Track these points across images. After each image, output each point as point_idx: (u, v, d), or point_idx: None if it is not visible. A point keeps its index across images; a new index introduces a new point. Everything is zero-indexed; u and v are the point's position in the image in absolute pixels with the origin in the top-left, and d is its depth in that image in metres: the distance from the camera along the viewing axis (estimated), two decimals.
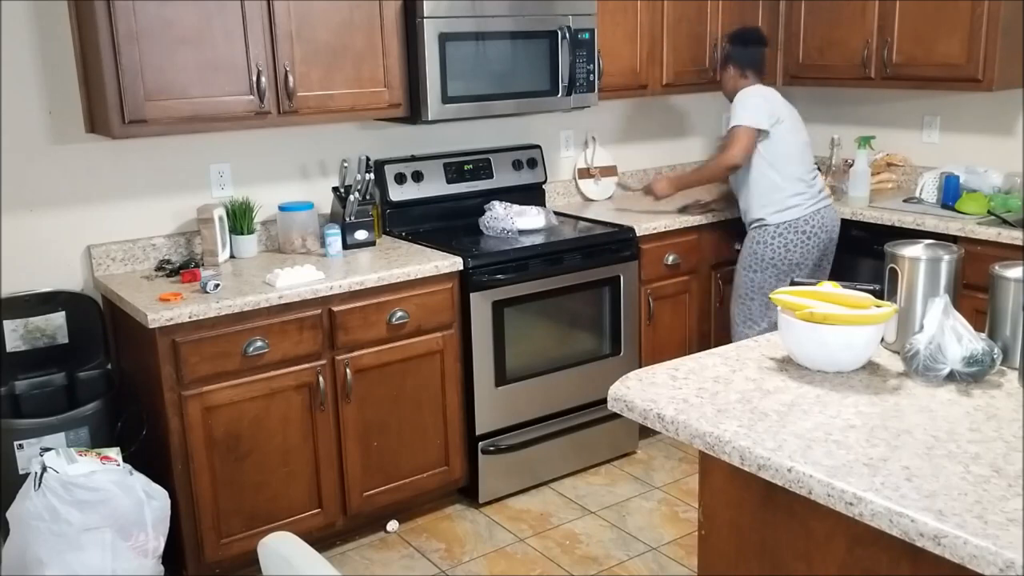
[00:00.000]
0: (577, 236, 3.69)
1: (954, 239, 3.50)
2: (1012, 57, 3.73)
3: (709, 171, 3.85)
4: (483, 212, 3.71)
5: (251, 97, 3.05)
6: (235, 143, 3.40)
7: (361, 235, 3.46)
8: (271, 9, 3.04)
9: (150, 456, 2.95)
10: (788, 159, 3.67)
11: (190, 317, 2.77)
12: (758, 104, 3.64)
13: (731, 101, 3.72)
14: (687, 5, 4.10)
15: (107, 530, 2.57)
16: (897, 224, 3.76)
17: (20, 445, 2.80)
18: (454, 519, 3.46)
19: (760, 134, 3.63)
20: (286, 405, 3.00)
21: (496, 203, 3.73)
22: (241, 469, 2.95)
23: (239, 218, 3.33)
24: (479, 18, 3.40)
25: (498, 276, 3.36)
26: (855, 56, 4.12)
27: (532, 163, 4.04)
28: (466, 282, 3.31)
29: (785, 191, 3.66)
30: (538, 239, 3.59)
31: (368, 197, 3.50)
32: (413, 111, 3.40)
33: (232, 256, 3.35)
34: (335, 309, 3.04)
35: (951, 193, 3.84)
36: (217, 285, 2.91)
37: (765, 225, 3.69)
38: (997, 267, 2.04)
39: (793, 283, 2.19)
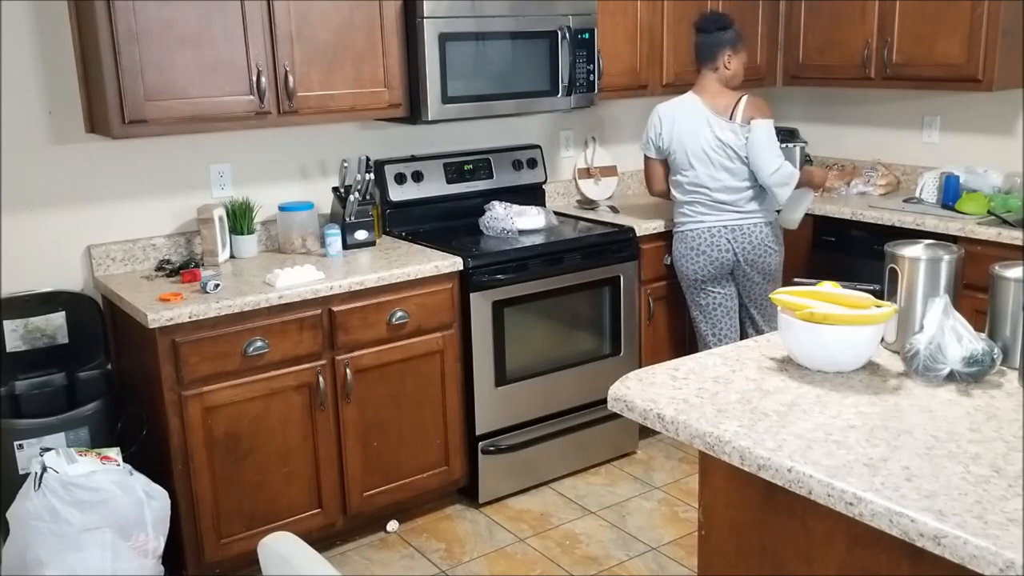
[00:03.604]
0: (577, 236, 3.69)
1: (954, 239, 3.50)
2: (1012, 57, 3.73)
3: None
4: (483, 212, 3.71)
5: (251, 97, 3.05)
6: (235, 143, 3.40)
7: (361, 235, 3.46)
8: (271, 9, 3.04)
9: (150, 456, 2.95)
10: (680, 171, 3.60)
11: (190, 317, 2.77)
12: (651, 130, 3.65)
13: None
14: (687, 5, 4.10)
15: (107, 530, 2.57)
16: (897, 224, 3.75)
17: (20, 445, 2.80)
18: (454, 519, 3.46)
19: (654, 159, 3.69)
20: (286, 405, 3.00)
21: (496, 203, 3.73)
22: (241, 469, 2.95)
23: (239, 218, 3.33)
24: (479, 18, 3.40)
25: (498, 276, 3.36)
26: (855, 56, 4.12)
27: (532, 163, 4.04)
28: (466, 282, 3.31)
29: (681, 202, 3.63)
30: (538, 239, 3.59)
31: (368, 197, 3.50)
32: (413, 111, 3.40)
33: (232, 256, 3.35)
34: (335, 309, 3.04)
35: (951, 193, 3.84)
36: (217, 285, 2.91)
37: (674, 233, 3.73)
38: (997, 267, 2.04)
39: (793, 283, 2.19)
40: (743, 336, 3.75)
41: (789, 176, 3.51)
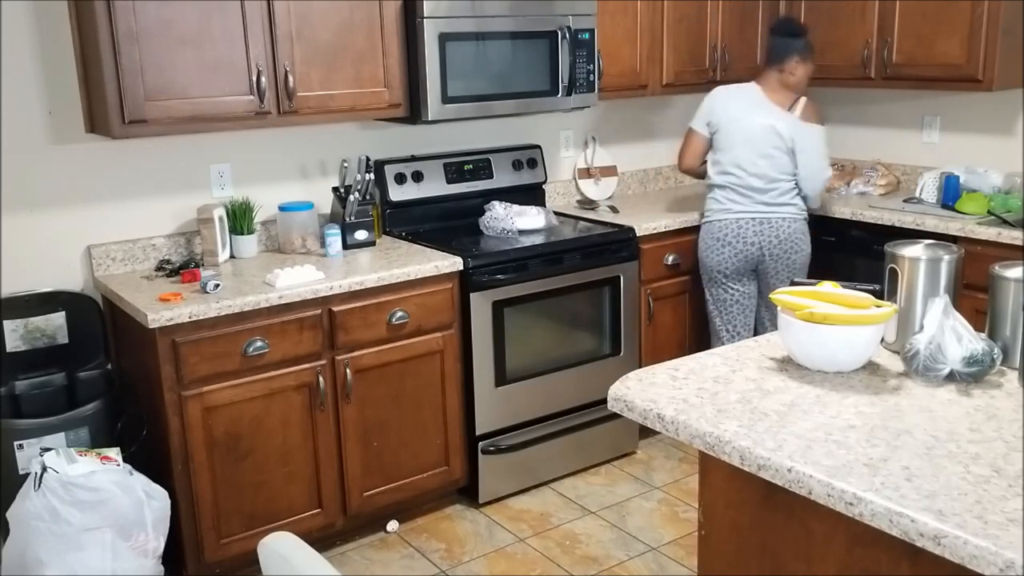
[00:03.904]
0: (577, 236, 3.69)
1: (954, 239, 3.50)
2: (1012, 57, 3.73)
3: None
4: (483, 212, 3.71)
5: (251, 97, 3.05)
6: (235, 143, 3.40)
7: (361, 235, 3.46)
8: (271, 9, 3.04)
9: (150, 456, 2.95)
10: (721, 150, 3.68)
11: (190, 317, 2.77)
12: (706, 106, 3.73)
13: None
14: (687, 5, 4.10)
15: (107, 530, 2.57)
16: (897, 224, 3.76)
17: (20, 445, 2.80)
18: (454, 519, 3.46)
19: (699, 133, 3.74)
20: (286, 405, 3.00)
21: (496, 203, 3.74)
22: (241, 469, 2.95)
23: (239, 218, 3.33)
24: (479, 18, 3.40)
25: (498, 276, 3.36)
26: (855, 56, 4.12)
27: (532, 163, 4.04)
28: (466, 282, 3.31)
29: (712, 187, 3.71)
30: (538, 239, 3.59)
31: (368, 197, 3.50)
32: (413, 111, 3.40)
33: (232, 256, 3.35)
34: (335, 309, 3.04)
35: (951, 193, 3.84)
36: (217, 285, 2.91)
37: (701, 224, 3.80)
38: (997, 267, 2.04)
39: (793, 283, 2.19)
40: (757, 335, 3.76)
41: (826, 182, 3.73)
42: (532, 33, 3.54)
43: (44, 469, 2.55)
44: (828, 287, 2.07)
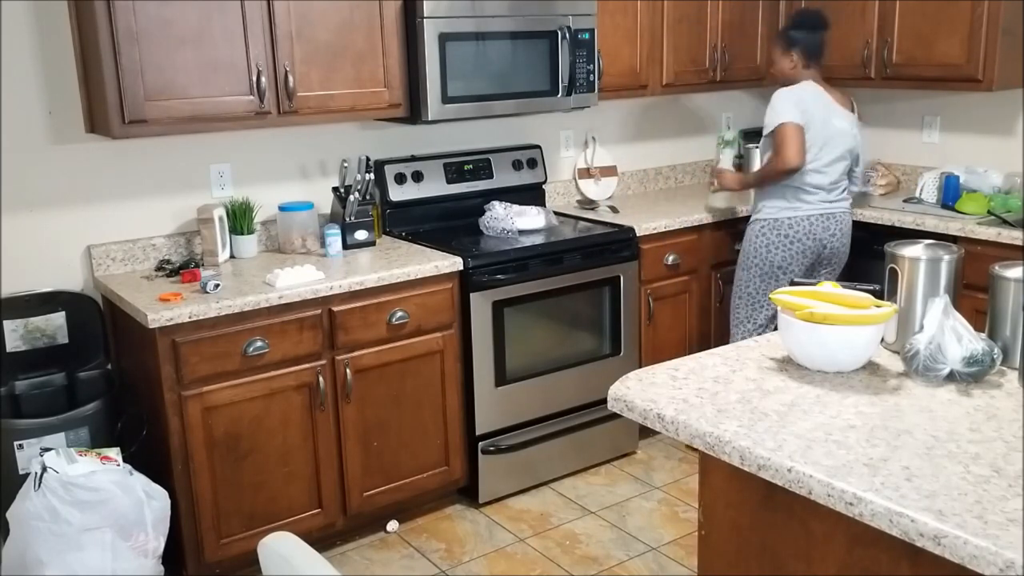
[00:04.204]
0: (577, 236, 3.69)
1: (954, 239, 3.50)
2: (1012, 57, 3.73)
3: (766, 175, 3.61)
4: (483, 212, 3.71)
5: (251, 97, 3.05)
6: (235, 143, 3.40)
7: (361, 235, 3.46)
8: (271, 9, 3.04)
9: (150, 456, 2.95)
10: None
11: (190, 317, 2.77)
12: (794, 99, 3.49)
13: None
14: (687, 5, 4.10)
15: (107, 530, 2.57)
16: (897, 224, 3.76)
17: (20, 445, 2.80)
18: (454, 519, 3.46)
19: (800, 125, 3.47)
20: (286, 405, 3.00)
21: (496, 203, 3.74)
22: (241, 469, 2.95)
23: (239, 218, 3.33)
24: (479, 18, 3.40)
25: (498, 276, 3.36)
26: (855, 56, 4.12)
27: (532, 163, 4.04)
28: (466, 282, 3.31)
29: (779, 190, 3.59)
30: (538, 239, 3.59)
31: (368, 197, 3.50)
32: (413, 111, 3.40)
33: (232, 256, 3.35)
34: (335, 309, 3.04)
35: (951, 193, 3.84)
36: (217, 285, 2.91)
37: (755, 221, 3.68)
38: (997, 267, 2.04)
39: (793, 283, 2.19)
40: None
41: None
42: (532, 33, 3.54)
43: (44, 469, 2.55)
44: (828, 287, 2.07)
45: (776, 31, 4.39)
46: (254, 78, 3.04)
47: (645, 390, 1.93)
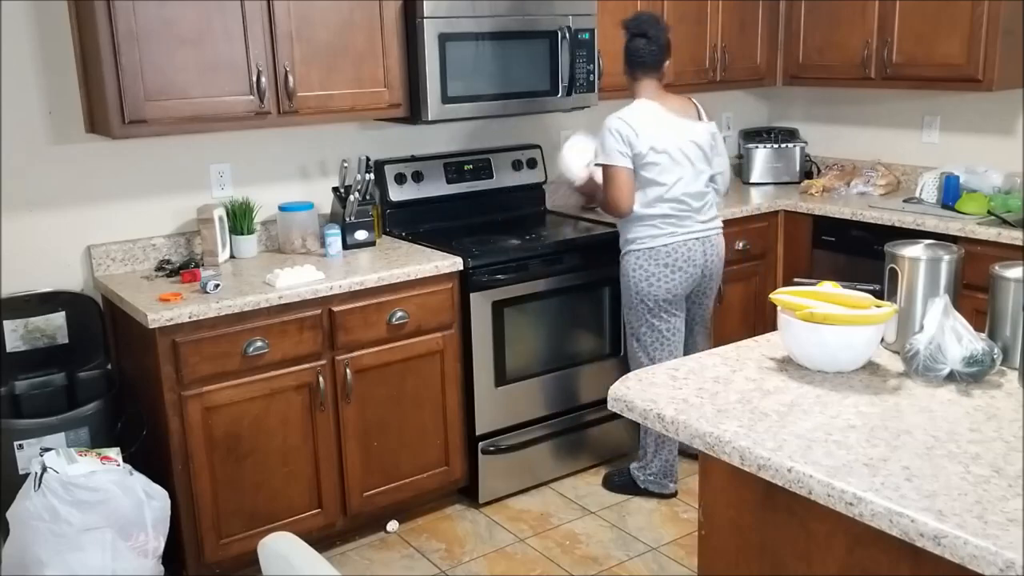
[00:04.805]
0: (577, 236, 3.69)
1: (954, 239, 3.50)
2: (1012, 57, 3.73)
3: (602, 206, 3.45)
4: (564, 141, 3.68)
5: (251, 97, 3.05)
6: (235, 143, 3.40)
7: (361, 235, 3.45)
8: (271, 9, 3.04)
9: (150, 456, 2.95)
10: (654, 182, 3.28)
11: (190, 317, 2.77)
12: (623, 134, 3.23)
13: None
14: (687, 5, 4.10)
15: (107, 530, 2.57)
16: (897, 224, 3.75)
17: (20, 445, 2.80)
18: (454, 519, 3.46)
19: (624, 167, 3.24)
20: (286, 405, 3.00)
21: (579, 136, 3.67)
22: (241, 469, 2.95)
23: (239, 218, 3.33)
24: (479, 18, 3.40)
25: (498, 276, 3.36)
26: (855, 56, 4.12)
27: (532, 163, 4.04)
28: (466, 282, 3.31)
29: (647, 216, 3.29)
30: (538, 239, 3.59)
31: (368, 197, 3.50)
32: (413, 111, 3.40)
33: (232, 256, 3.35)
34: (335, 309, 3.04)
35: (951, 193, 3.84)
36: (217, 285, 2.91)
37: (628, 252, 3.36)
38: (997, 267, 2.04)
39: (793, 283, 2.19)
40: None
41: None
42: (532, 33, 3.54)
43: (44, 469, 2.55)
44: (828, 287, 2.07)
45: (774, 31, 4.42)
46: (254, 78, 3.04)
47: (645, 390, 1.93)
